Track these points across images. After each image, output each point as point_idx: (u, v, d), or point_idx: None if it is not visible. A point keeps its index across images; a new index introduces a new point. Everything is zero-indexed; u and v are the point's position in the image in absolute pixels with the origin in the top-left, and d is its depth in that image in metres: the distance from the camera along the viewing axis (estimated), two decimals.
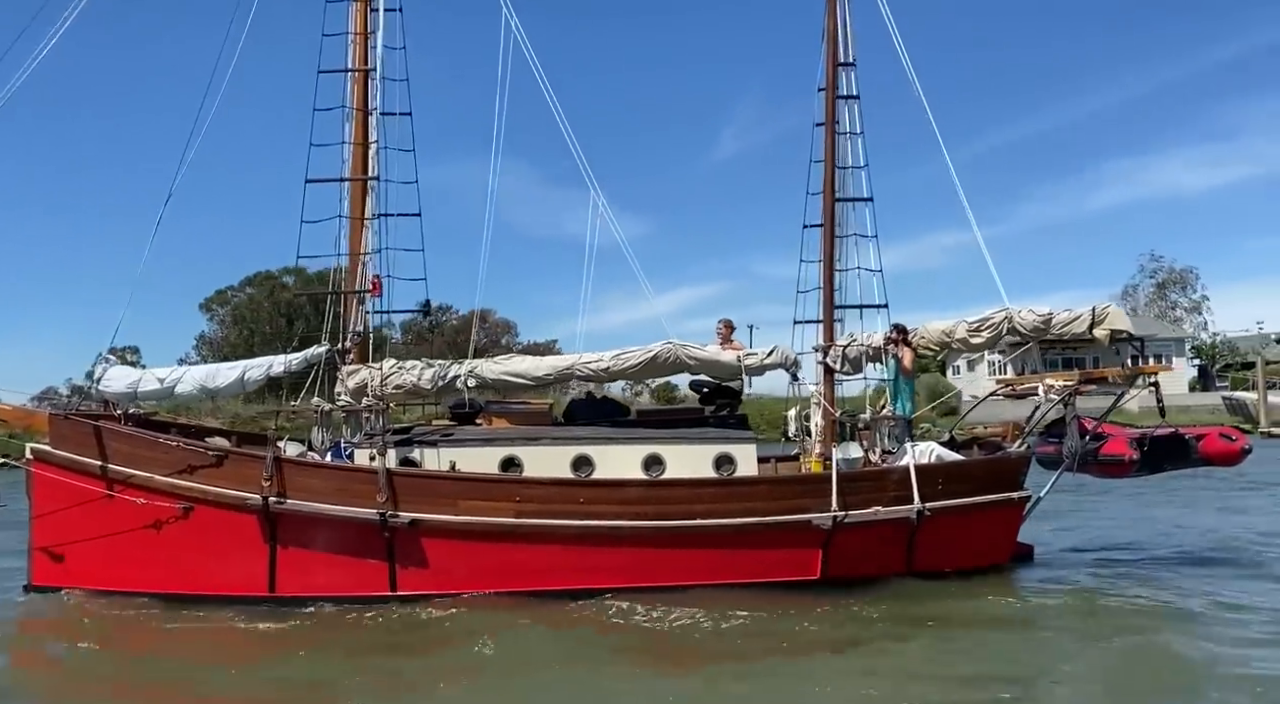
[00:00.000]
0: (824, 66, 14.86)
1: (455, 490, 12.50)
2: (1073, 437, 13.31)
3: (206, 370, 13.66)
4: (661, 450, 13.25)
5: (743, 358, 13.69)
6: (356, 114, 14.23)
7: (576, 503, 12.53)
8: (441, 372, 13.87)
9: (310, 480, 12.52)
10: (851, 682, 9.36)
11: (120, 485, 12.87)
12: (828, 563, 12.81)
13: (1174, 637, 10.74)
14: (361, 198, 14.14)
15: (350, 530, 12.45)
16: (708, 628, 11.31)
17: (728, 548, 12.71)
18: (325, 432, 13.05)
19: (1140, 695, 9.08)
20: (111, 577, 12.93)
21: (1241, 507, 21.75)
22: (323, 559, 12.61)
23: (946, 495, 12.93)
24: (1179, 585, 13.17)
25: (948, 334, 14.06)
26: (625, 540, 12.52)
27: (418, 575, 12.54)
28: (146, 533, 12.80)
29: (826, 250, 14.76)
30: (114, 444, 12.96)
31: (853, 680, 9.40)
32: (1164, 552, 15.94)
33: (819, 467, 13.99)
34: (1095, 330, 13.20)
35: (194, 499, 12.67)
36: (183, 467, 12.72)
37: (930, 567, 13.16)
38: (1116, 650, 10.39)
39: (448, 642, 11.15)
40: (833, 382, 14.61)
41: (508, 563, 12.52)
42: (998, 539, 13.60)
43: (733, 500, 12.73)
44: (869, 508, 12.78)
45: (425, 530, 12.43)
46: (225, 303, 66.19)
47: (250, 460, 12.73)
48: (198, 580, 12.75)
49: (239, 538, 12.62)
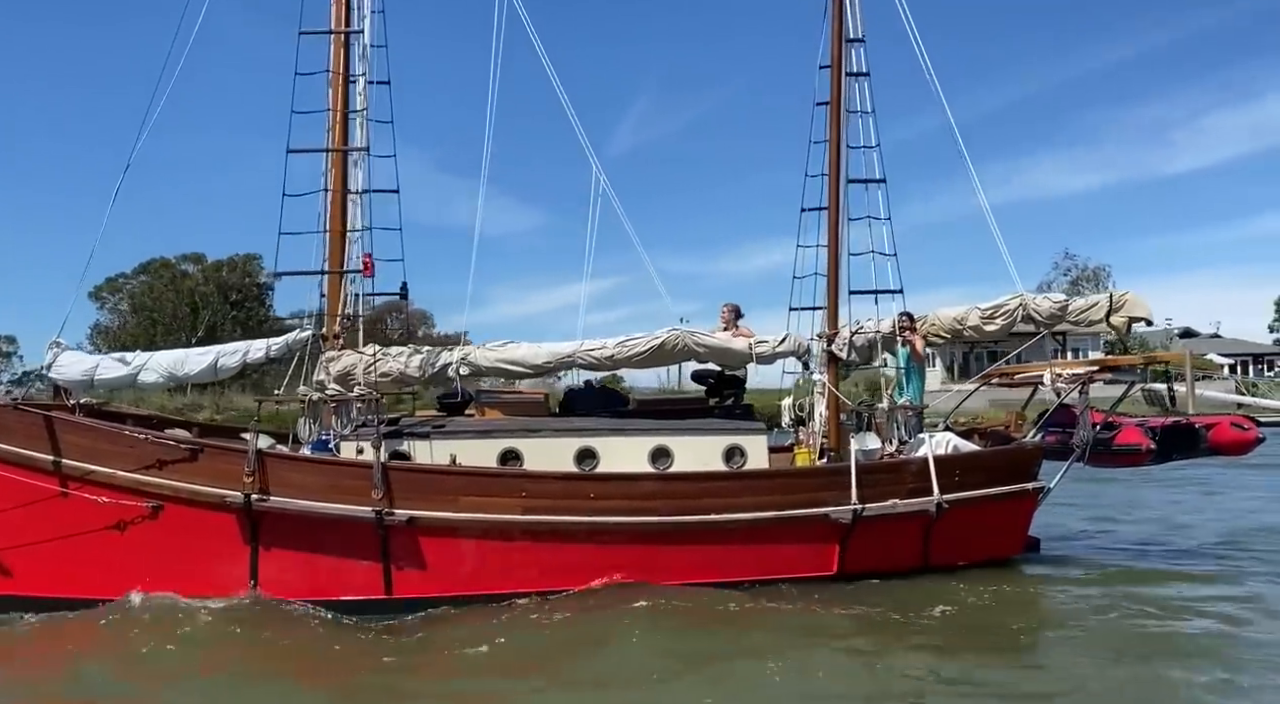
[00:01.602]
0: (829, 42, 14.29)
1: (457, 486, 11.63)
2: (1085, 426, 13.03)
3: (174, 356, 12.48)
4: (669, 442, 12.59)
5: (754, 345, 13.08)
6: (337, 79, 13.17)
7: (587, 498, 11.77)
8: (431, 358, 12.97)
9: (297, 476, 11.51)
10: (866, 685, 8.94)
11: (76, 483, 11.68)
12: (845, 558, 12.31)
13: (1186, 641, 10.27)
14: (342, 171, 13.12)
15: (341, 529, 11.48)
16: (723, 628, 10.73)
17: (742, 544, 12.11)
18: (313, 423, 12.03)
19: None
20: (68, 583, 11.73)
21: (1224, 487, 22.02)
22: (310, 561, 11.62)
23: (964, 487, 12.53)
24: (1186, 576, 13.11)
25: (959, 321, 13.66)
26: (638, 537, 11.82)
27: (415, 577, 11.64)
28: (108, 535, 11.64)
29: (831, 233, 14.21)
30: (70, 437, 11.74)
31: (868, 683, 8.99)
32: (1167, 540, 15.96)
33: (808, 458, 13.50)
34: (1113, 317, 12.95)
35: (164, 497, 11.54)
36: (151, 461, 11.56)
37: (946, 561, 12.77)
38: (1133, 655, 9.81)
39: (447, 647, 10.32)
40: (837, 370, 14.08)
41: (512, 562, 11.71)
42: (1011, 531, 13.28)
43: (748, 494, 12.12)
44: (887, 500, 12.31)
45: (424, 528, 11.53)
46: (117, 291, 63.32)
47: (229, 454, 11.66)
48: (168, 586, 11.61)
49: (216, 539, 11.56)
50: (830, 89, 14.36)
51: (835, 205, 14.27)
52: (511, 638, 10.35)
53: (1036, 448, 13.13)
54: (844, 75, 14.12)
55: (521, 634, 10.53)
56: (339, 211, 13.04)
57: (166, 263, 61.36)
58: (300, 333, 12.40)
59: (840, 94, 14.24)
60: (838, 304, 14.20)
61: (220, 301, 63.26)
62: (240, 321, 61.95)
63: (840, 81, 14.27)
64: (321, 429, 12.88)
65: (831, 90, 14.36)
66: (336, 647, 10.35)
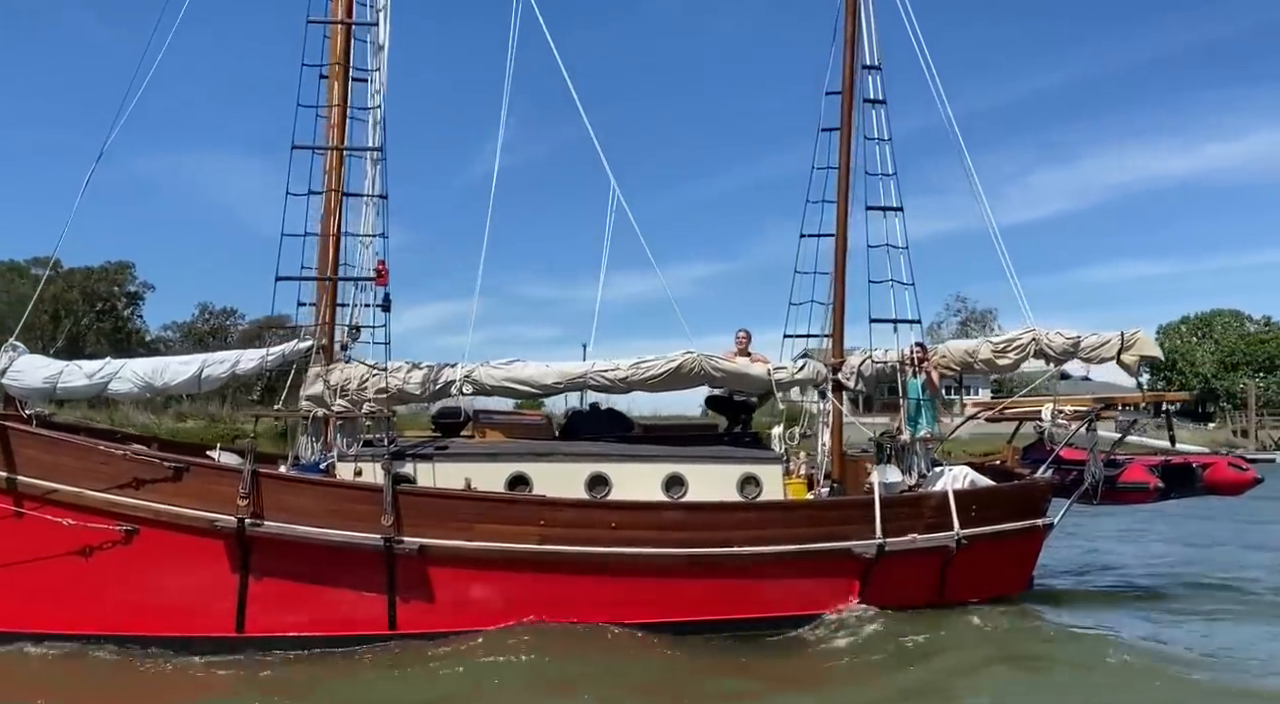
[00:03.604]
0: (843, 69, 14.11)
1: (472, 512, 10.80)
2: (1095, 463, 13.03)
3: (151, 365, 11.27)
4: (683, 470, 12.02)
5: (772, 372, 12.66)
6: (338, 70, 12.30)
7: (608, 528, 11.09)
8: (433, 375, 12.12)
9: (295, 498, 10.52)
10: None
11: (34, 502, 10.43)
12: (865, 593, 11.93)
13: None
14: (338, 171, 12.22)
15: (342, 559, 10.52)
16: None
17: (763, 578, 11.61)
18: (315, 441, 11.04)
19: None
20: (20, 616, 10.43)
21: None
22: (305, 592, 10.60)
23: (981, 522, 12.33)
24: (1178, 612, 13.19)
25: (971, 354, 13.53)
26: (660, 570, 11.19)
27: (423, 610, 10.74)
28: (70, 562, 10.41)
29: (839, 261, 13.96)
30: (27, 451, 10.52)
31: None
32: (1157, 574, 16.19)
33: (801, 490, 13.13)
34: (1124, 355, 12.98)
35: (140, 520, 10.40)
36: (126, 480, 10.42)
37: (959, 596, 12.52)
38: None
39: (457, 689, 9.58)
40: (842, 400, 13.76)
41: (525, 595, 10.92)
42: (1021, 567, 13.17)
43: (772, 526, 11.64)
44: (907, 535, 12.01)
45: (434, 558, 10.66)
46: None
47: (217, 474, 10.60)
48: (140, 620, 10.44)
49: (199, 567, 10.45)
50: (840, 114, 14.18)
51: (842, 233, 14.03)
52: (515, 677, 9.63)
53: (1048, 484, 13.06)
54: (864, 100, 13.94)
55: (533, 672, 9.80)
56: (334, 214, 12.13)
57: (13, 265, 57.32)
58: (299, 343, 11.37)
59: (850, 120, 14.06)
60: (843, 332, 13.94)
61: (87, 308, 59.87)
62: (105, 333, 58.74)
63: (850, 107, 14.09)
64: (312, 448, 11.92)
65: (842, 116, 14.16)
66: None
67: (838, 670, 10.42)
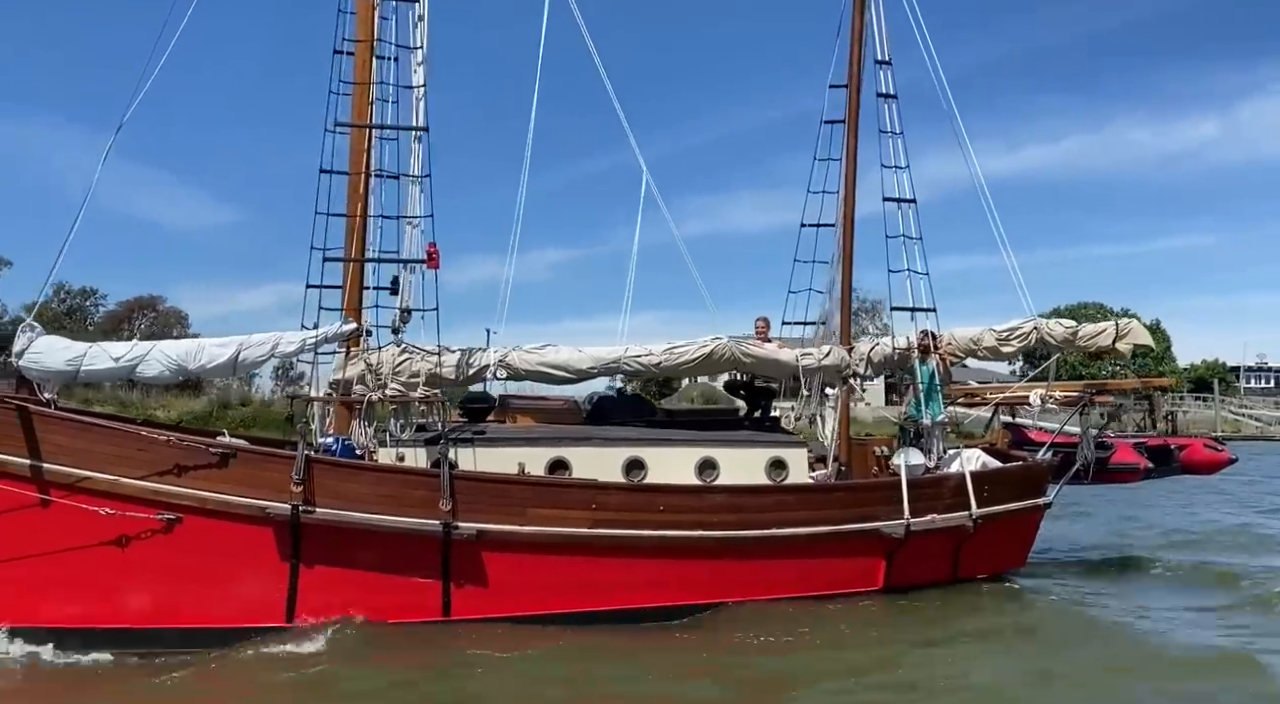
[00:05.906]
0: (849, 62, 14.46)
1: (526, 497, 10.76)
2: (1087, 446, 13.76)
3: (184, 347, 10.76)
4: (715, 454, 12.20)
5: (800, 358, 12.94)
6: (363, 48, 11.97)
7: (656, 511, 11.20)
8: (466, 359, 11.97)
9: (348, 485, 10.27)
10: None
11: (60, 490, 9.91)
12: (891, 572, 12.35)
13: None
14: (365, 151, 11.92)
15: (396, 544, 10.33)
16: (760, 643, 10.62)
17: (795, 558, 11.91)
18: (369, 426, 10.77)
19: None
20: (48, 611, 9.90)
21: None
22: (358, 579, 10.38)
23: (993, 502, 12.90)
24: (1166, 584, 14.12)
25: (975, 342, 14.08)
26: (704, 552, 11.36)
27: (477, 596, 10.66)
28: (105, 553, 9.95)
29: (845, 250, 14.34)
30: (54, 437, 9.98)
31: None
32: (1139, 546, 17.23)
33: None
34: (1119, 343, 13.74)
35: (184, 509, 9.99)
36: (168, 467, 9.99)
37: (970, 573, 13.14)
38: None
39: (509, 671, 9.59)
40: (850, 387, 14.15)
41: (576, 579, 10.96)
42: (1022, 544, 13.83)
43: (806, 508, 11.95)
44: (927, 515, 12.48)
45: (489, 543, 10.57)
46: None
47: (267, 460, 10.27)
48: (185, 612, 10.05)
49: (248, 556, 10.11)
50: (847, 110, 14.55)
51: (850, 223, 14.42)
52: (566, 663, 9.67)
53: (1049, 464, 13.73)
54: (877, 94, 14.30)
55: (583, 656, 9.86)
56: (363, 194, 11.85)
57: None
58: (342, 326, 11.04)
59: (857, 117, 14.46)
60: (850, 320, 14.34)
61: None
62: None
63: (857, 104, 14.48)
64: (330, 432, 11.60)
65: (848, 114, 14.55)
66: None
67: (861, 657, 10.56)
